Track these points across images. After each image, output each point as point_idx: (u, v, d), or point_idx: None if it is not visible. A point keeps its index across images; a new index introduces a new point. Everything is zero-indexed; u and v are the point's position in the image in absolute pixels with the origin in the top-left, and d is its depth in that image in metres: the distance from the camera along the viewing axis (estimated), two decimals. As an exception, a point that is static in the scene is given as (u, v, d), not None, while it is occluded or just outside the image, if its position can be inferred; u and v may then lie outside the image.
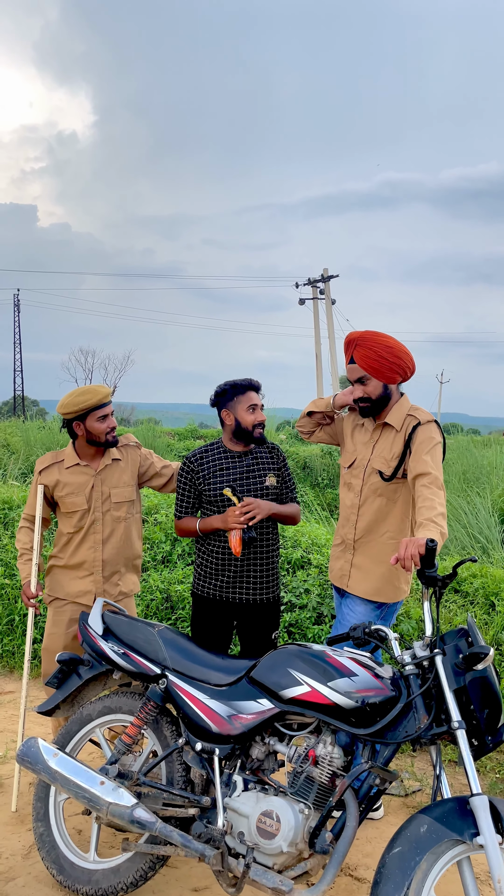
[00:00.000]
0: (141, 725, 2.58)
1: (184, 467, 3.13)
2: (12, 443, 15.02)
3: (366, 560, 2.95)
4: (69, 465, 3.21)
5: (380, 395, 2.94)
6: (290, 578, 4.65)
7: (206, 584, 3.10)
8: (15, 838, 2.87)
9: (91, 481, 3.19)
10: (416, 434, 2.84)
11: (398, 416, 2.92)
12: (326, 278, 28.59)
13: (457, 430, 37.51)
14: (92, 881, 2.48)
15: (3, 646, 4.73)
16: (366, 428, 3.07)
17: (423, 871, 2.00)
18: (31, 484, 3.27)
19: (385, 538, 2.94)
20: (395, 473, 2.88)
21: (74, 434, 3.18)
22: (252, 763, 2.43)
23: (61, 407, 3.12)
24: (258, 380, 3.08)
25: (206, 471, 3.07)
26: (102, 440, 3.15)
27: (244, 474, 3.06)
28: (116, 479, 3.24)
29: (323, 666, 2.34)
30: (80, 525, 3.18)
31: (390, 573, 2.92)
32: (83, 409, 3.08)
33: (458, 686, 2.20)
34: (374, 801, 2.30)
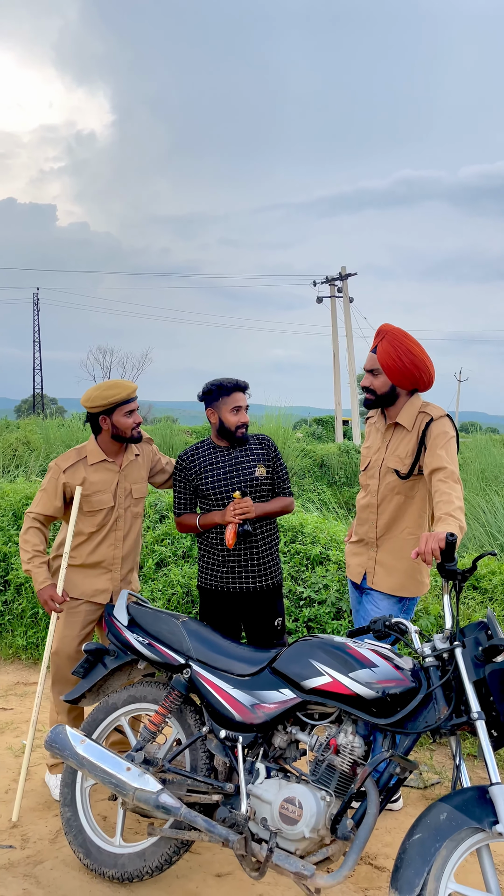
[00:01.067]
0: (165, 714, 2.64)
1: (178, 465, 3.23)
2: (32, 440, 15.18)
3: (388, 557, 2.99)
4: (94, 461, 3.16)
5: (385, 393, 2.97)
6: (309, 574, 4.70)
7: (210, 576, 3.19)
8: (42, 823, 2.95)
9: (116, 478, 3.19)
10: (429, 430, 2.87)
11: (409, 415, 2.95)
12: (344, 276, 28.55)
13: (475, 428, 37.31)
14: (118, 865, 2.55)
15: (27, 638, 4.82)
16: (378, 429, 3.12)
17: (443, 858, 2.04)
18: (46, 482, 3.15)
19: (405, 534, 2.97)
20: (412, 471, 2.92)
21: (98, 429, 3.17)
22: (274, 751, 2.49)
23: (88, 400, 3.09)
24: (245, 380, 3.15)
25: (198, 467, 3.17)
26: (128, 435, 3.15)
27: (234, 467, 3.15)
28: (136, 474, 3.27)
29: (344, 657, 2.39)
30: (103, 523, 3.17)
31: (412, 568, 2.96)
32: (112, 403, 3.08)
33: (478, 678, 2.23)
34: (395, 790, 2.34)
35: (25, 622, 4.89)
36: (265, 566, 3.17)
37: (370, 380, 3.01)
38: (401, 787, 3.18)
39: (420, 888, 1.98)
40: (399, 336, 2.92)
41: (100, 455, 3.18)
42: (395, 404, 2.99)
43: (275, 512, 3.18)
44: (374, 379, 2.99)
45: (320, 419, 32.91)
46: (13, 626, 4.94)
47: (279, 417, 18.61)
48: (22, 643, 4.79)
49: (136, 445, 3.30)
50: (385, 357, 2.92)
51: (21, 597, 5.01)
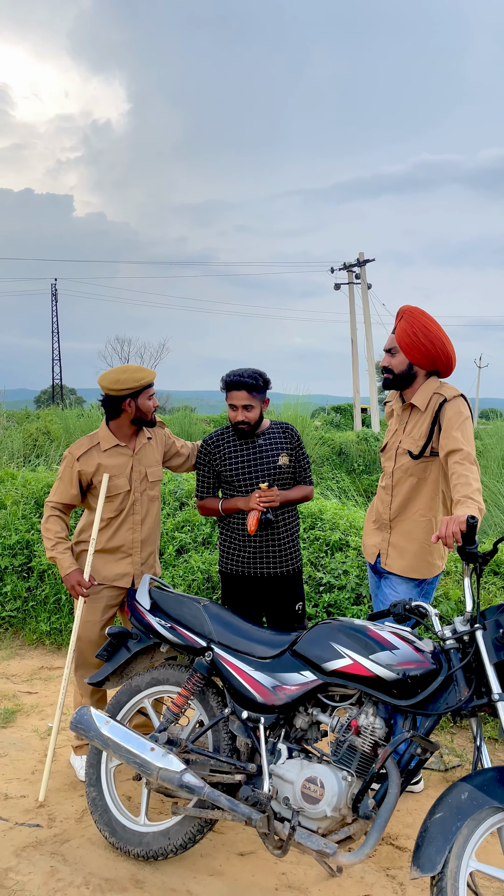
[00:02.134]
0: (188, 696, 2.67)
1: (202, 450, 3.26)
2: (52, 430, 15.31)
3: (400, 538, 3.00)
4: (107, 447, 3.18)
5: (402, 372, 2.98)
6: (328, 560, 4.71)
7: (231, 560, 3.22)
8: (68, 803, 3.00)
9: (130, 462, 3.21)
10: (443, 410, 2.86)
11: (424, 396, 2.94)
12: (362, 263, 28.35)
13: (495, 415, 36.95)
14: (143, 843, 2.60)
15: (51, 624, 4.89)
16: (396, 411, 3.13)
17: (465, 837, 2.06)
18: (62, 471, 3.17)
19: (416, 516, 2.98)
20: (423, 451, 2.91)
21: (117, 412, 3.17)
22: (296, 732, 2.52)
23: (114, 383, 3.09)
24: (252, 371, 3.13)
25: (221, 453, 3.20)
26: (149, 418, 3.21)
27: (258, 455, 3.17)
28: (150, 458, 3.29)
29: (365, 640, 2.41)
30: (120, 507, 3.19)
31: (423, 550, 2.96)
32: (140, 385, 3.11)
33: (499, 659, 2.24)
34: (416, 771, 2.36)
35: (49, 608, 4.96)
36: (286, 552, 3.20)
37: (388, 359, 3.03)
38: (421, 770, 3.21)
39: (442, 866, 2.01)
40: (416, 314, 2.92)
41: (112, 440, 3.20)
42: (413, 385, 2.99)
43: (296, 500, 3.21)
44: (392, 358, 3.00)
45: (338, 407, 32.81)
46: (37, 612, 5.01)
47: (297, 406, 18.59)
48: (46, 628, 4.86)
49: (148, 429, 3.33)
50: (402, 335, 2.92)
51: (44, 583, 5.07)
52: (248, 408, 3.11)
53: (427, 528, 2.95)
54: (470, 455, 2.71)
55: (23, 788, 3.10)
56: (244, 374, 3.10)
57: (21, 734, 3.61)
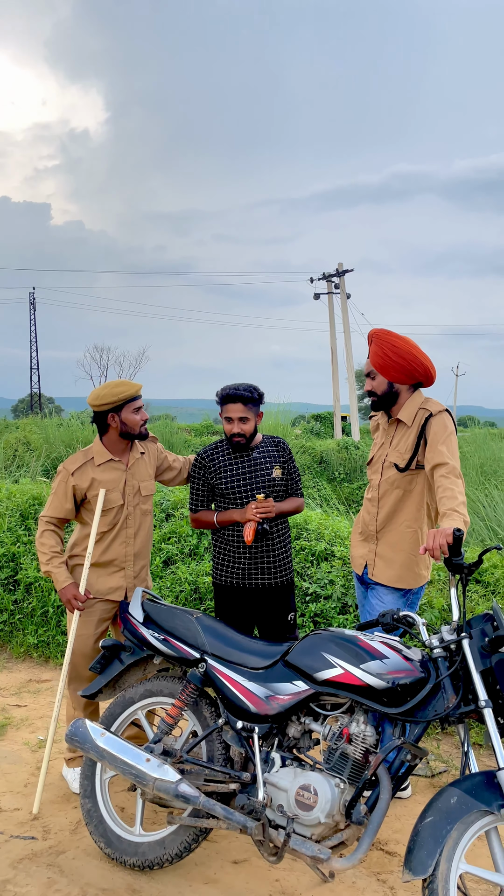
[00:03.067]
0: (182, 707, 2.72)
1: (196, 463, 3.32)
2: (32, 440, 15.24)
3: (387, 549, 3.08)
4: (100, 461, 3.23)
5: (384, 392, 3.07)
6: (314, 570, 4.78)
7: (225, 572, 3.28)
8: (62, 815, 3.03)
9: (124, 476, 3.26)
10: (429, 425, 2.95)
11: (409, 411, 3.04)
12: (341, 273, 28.61)
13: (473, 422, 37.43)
14: (139, 853, 2.64)
15: (38, 636, 4.90)
16: (382, 425, 3.22)
17: (454, 840, 2.13)
18: (56, 486, 3.22)
19: (403, 527, 3.06)
20: (409, 465, 3.00)
21: (105, 427, 3.23)
22: (288, 741, 2.58)
23: (96, 399, 3.15)
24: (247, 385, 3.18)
25: (216, 466, 3.26)
26: (136, 432, 3.23)
27: (252, 468, 3.24)
28: (143, 472, 3.34)
29: (355, 649, 2.48)
30: (114, 521, 3.24)
31: (410, 560, 3.04)
32: (121, 399, 3.15)
33: (485, 667, 2.33)
34: (405, 777, 2.43)
35: (36, 621, 4.97)
36: (280, 563, 3.27)
37: (370, 383, 3.12)
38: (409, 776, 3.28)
39: (433, 868, 2.08)
40: (382, 335, 3.03)
41: (106, 455, 3.25)
42: (398, 402, 3.08)
43: (289, 511, 3.29)
44: (373, 381, 3.10)
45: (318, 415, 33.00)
46: (24, 625, 5.02)
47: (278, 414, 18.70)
48: (33, 641, 4.87)
49: (141, 443, 3.37)
50: (375, 358, 3.03)
51: (31, 596, 5.09)
52: (244, 420, 3.18)
53: (413, 540, 3.03)
54: (455, 469, 2.80)
55: (16, 801, 3.12)
56: (239, 388, 3.17)
57: (12, 747, 3.63)
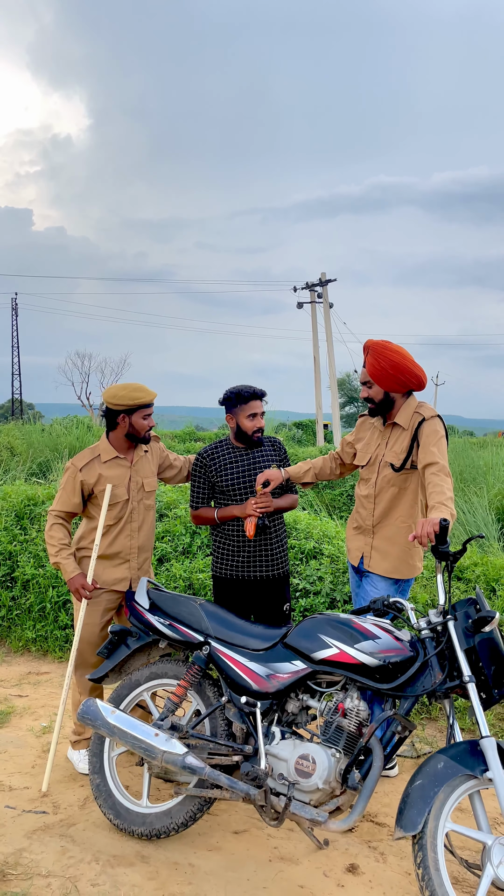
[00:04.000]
0: (187, 687, 2.91)
1: (198, 462, 3.51)
2: (15, 445, 15.30)
3: (383, 542, 3.29)
4: (106, 458, 3.41)
5: (381, 400, 3.30)
6: (303, 567, 4.99)
7: (225, 565, 3.48)
8: (70, 792, 3.20)
9: (128, 473, 3.44)
10: (421, 428, 3.18)
11: (406, 415, 3.26)
12: (324, 282, 28.98)
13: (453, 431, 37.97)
14: (146, 823, 2.82)
15: (36, 631, 5.06)
16: (378, 428, 3.43)
17: (441, 801, 2.34)
18: (65, 481, 3.40)
19: (398, 522, 3.28)
20: (404, 464, 3.22)
21: (114, 425, 3.41)
22: (287, 717, 2.78)
23: (112, 397, 3.34)
24: (261, 388, 3.43)
25: (218, 465, 3.46)
26: (141, 436, 3.43)
27: (251, 467, 3.46)
28: (147, 469, 3.53)
29: (350, 630, 2.69)
30: (119, 515, 3.42)
31: (405, 553, 3.26)
32: (135, 404, 3.34)
33: (468, 646, 2.56)
34: (396, 747, 2.65)
35: (34, 616, 5.13)
36: (277, 555, 3.48)
37: (367, 391, 3.35)
38: (396, 757, 3.49)
39: (422, 826, 2.29)
40: (379, 348, 3.26)
41: (112, 452, 3.43)
42: (394, 407, 3.31)
43: (285, 507, 3.50)
44: (370, 390, 3.32)
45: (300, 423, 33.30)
46: (21, 621, 5.17)
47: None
48: (31, 636, 5.03)
49: (145, 445, 3.56)
50: (372, 369, 3.26)
51: (29, 592, 5.24)
52: (263, 415, 3.43)
53: (407, 534, 3.24)
54: (444, 468, 3.03)
55: (25, 781, 3.29)
56: (254, 387, 3.41)
57: (17, 733, 3.79)
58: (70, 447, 14.20)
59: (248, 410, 3.40)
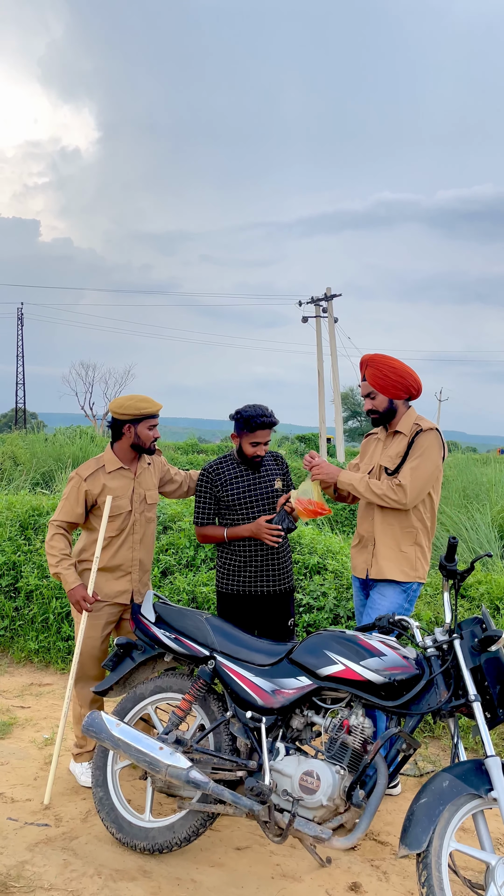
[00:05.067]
0: (192, 701, 2.91)
1: (203, 477, 3.51)
2: (19, 455, 15.33)
3: (384, 549, 3.30)
4: (111, 469, 3.42)
5: (386, 409, 3.37)
6: (307, 583, 5.00)
7: (230, 581, 3.48)
8: (72, 805, 3.20)
9: (132, 484, 3.46)
10: (417, 438, 3.27)
11: (407, 424, 3.35)
12: (329, 297, 29.11)
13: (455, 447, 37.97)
14: (149, 837, 2.81)
15: (39, 642, 5.06)
16: (379, 438, 3.49)
17: (446, 819, 2.34)
18: (68, 491, 3.39)
19: (397, 528, 3.29)
20: (398, 469, 3.27)
21: (119, 435, 3.43)
22: (292, 732, 2.78)
23: (119, 407, 3.36)
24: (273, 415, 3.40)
25: (222, 480, 3.47)
26: (146, 447, 3.44)
27: (256, 482, 3.48)
28: (149, 481, 3.55)
29: (355, 647, 2.70)
30: (121, 527, 3.42)
31: (405, 556, 3.29)
32: (141, 414, 3.36)
33: (474, 665, 2.56)
34: (401, 766, 2.65)
35: (37, 627, 5.13)
36: (282, 571, 3.49)
37: (370, 403, 3.40)
38: (399, 776, 3.48)
39: (427, 844, 2.29)
40: (378, 360, 3.36)
41: (116, 463, 3.44)
42: (397, 415, 3.37)
43: None
44: (374, 401, 3.38)
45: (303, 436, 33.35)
46: (24, 631, 5.17)
47: (264, 435, 18.89)
48: (34, 647, 5.03)
49: (148, 456, 3.58)
50: (374, 380, 3.34)
51: (32, 603, 5.24)
52: (266, 444, 3.43)
53: (406, 536, 3.28)
54: (401, 483, 3.17)
55: (27, 793, 3.28)
56: (267, 414, 3.36)
57: (19, 744, 3.78)
58: (73, 457, 14.23)
59: (253, 438, 3.39)
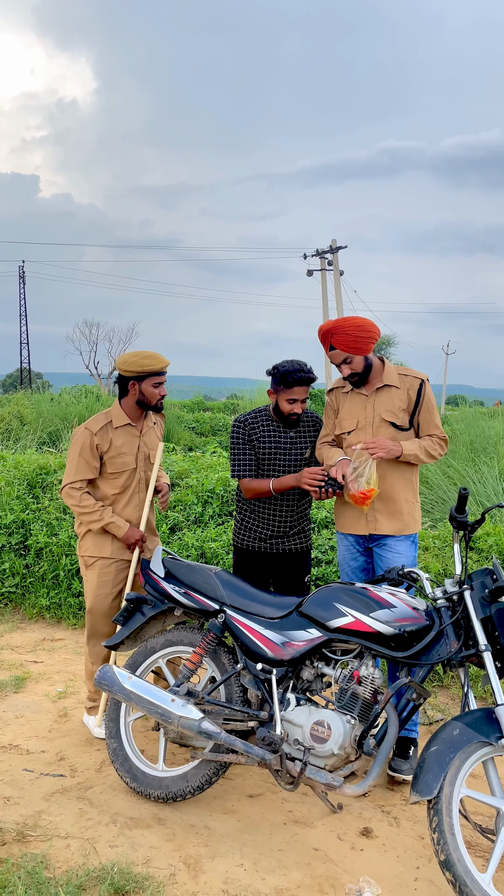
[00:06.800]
0: (203, 654, 2.93)
1: (239, 429, 3.42)
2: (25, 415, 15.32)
3: (385, 504, 3.23)
4: (118, 424, 3.39)
5: (364, 367, 3.28)
6: (316, 537, 5.00)
7: (249, 537, 3.47)
8: (87, 756, 3.25)
9: (137, 441, 3.44)
10: (424, 393, 3.25)
11: (392, 376, 3.29)
12: (335, 249, 28.62)
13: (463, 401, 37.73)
14: (163, 786, 2.86)
15: (50, 598, 5.10)
16: (357, 393, 3.34)
17: (456, 767, 2.36)
18: (80, 448, 3.34)
19: (398, 479, 3.23)
20: (410, 425, 3.23)
21: (125, 392, 3.40)
22: (302, 684, 2.80)
23: (123, 364, 3.33)
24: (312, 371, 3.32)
25: (258, 434, 3.40)
26: (153, 404, 3.40)
27: (287, 445, 3.42)
28: (154, 441, 3.52)
29: (365, 599, 2.70)
30: (126, 485, 3.41)
31: (406, 510, 3.25)
32: (144, 371, 3.31)
33: (485, 615, 2.55)
34: (411, 715, 2.67)
35: (47, 584, 5.17)
36: (301, 530, 3.48)
37: (348, 368, 3.27)
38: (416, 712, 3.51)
39: (437, 791, 2.31)
40: (342, 324, 3.24)
41: (124, 419, 3.41)
42: (373, 370, 3.30)
43: None
44: (351, 365, 3.26)
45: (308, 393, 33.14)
46: (35, 588, 5.21)
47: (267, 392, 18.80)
48: (45, 603, 5.08)
49: (154, 415, 3.56)
50: (345, 345, 3.20)
51: (42, 560, 5.28)
52: (304, 401, 3.33)
53: (407, 488, 3.25)
54: (443, 435, 3.25)
55: (42, 745, 3.34)
56: (304, 370, 3.28)
57: (33, 698, 3.84)
58: (79, 416, 14.20)
59: (290, 395, 3.31)
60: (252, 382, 21.06)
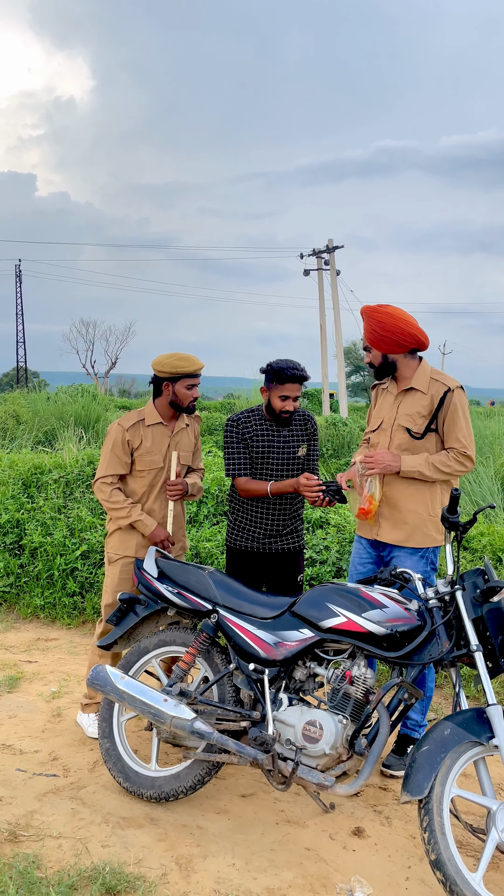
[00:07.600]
0: (195, 654, 2.93)
1: (233, 427, 3.42)
2: (21, 413, 15.31)
3: (392, 511, 3.21)
4: (150, 423, 3.42)
5: (381, 363, 3.25)
6: (310, 536, 5.01)
7: (242, 537, 3.47)
8: (80, 756, 3.25)
9: (168, 441, 3.45)
10: (449, 401, 3.12)
11: (422, 380, 3.19)
12: (331, 249, 28.64)
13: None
14: (155, 786, 2.86)
15: (44, 598, 5.10)
16: (390, 392, 3.32)
17: (447, 766, 2.37)
18: (112, 444, 3.36)
19: (410, 489, 3.18)
20: (426, 433, 3.17)
21: (159, 392, 3.43)
22: (294, 684, 2.81)
23: (158, 364, 3.35)
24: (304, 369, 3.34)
25: (250, 433, 3.41)
26: (185, 405, 3.42)
27: (280, 444, 3.42)
28: (185, 442, 3.52)
29: (357, 600, 2.70)
30: (153, 483, 3.42)
31: (412, 521, 3.17)
32: (178, 373, 3.33)
33: (476, 616, 2.56)
34: (402, 715, 2.68)
35: (42, 583, 5.17)
36: (294, 530, 3.49)
37: (368, 356, 3.31)
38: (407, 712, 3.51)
39: (428, 790, 2.32)
40: (370, 312, 3.20)
41: (156, 417, 3.44)
42: (399, 369, 3.24)
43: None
44: (370, 354, 3.29)
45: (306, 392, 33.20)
46: (30, 588, 5.21)
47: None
48: (40, 602, 5.07)
49: (187, 417, 3.56)
50: (367, 333, 3.22)
51: (36, 560, 5.27)
52: (297, 398, 3.34)
53: (416, 499, 3.16)
54: (464, 452, 3.11)
55: (35, 744, 3.34)
56: (298, 368, 3.29)
57: (27, 698, 3.84)
58: (76, 415, 14.19)
59: (282, 392, 3.31)
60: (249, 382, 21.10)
